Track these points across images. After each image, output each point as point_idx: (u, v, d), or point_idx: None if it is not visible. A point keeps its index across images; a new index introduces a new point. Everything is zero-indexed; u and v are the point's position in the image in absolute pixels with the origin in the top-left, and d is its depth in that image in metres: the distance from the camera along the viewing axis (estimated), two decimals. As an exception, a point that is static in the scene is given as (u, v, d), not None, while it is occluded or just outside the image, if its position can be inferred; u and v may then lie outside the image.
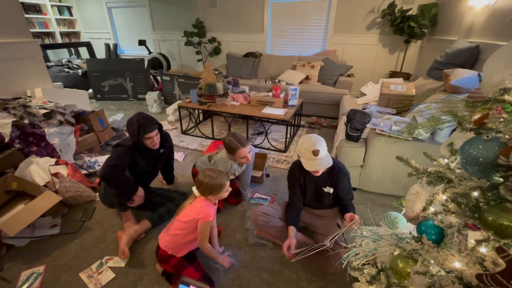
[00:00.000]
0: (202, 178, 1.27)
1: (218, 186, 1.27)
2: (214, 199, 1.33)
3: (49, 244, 1.61)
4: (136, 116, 1.56)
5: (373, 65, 4.32)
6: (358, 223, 1.33)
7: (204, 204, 1.28)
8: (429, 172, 0.82)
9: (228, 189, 1.33)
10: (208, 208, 1.28)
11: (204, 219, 1.26)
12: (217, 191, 1.28)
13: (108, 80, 4.32)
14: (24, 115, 2.10)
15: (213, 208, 1.32)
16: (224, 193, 1.32)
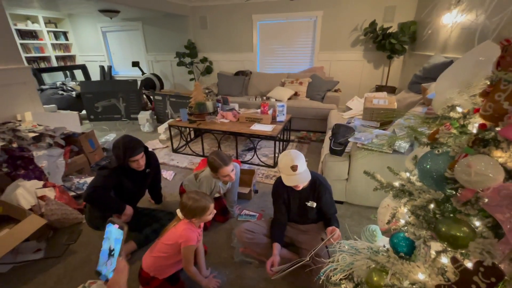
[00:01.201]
0: (186, 201, 1.28)
1: (201, 209, 1.29)
2: (198, 222, 1.33)
3: (32, 269, 1.59)
4: (122, 139, 1.59)
5: (359, 79, 4.46)
6: (338, 236, 1.35)
7: (187, 228, 1.29)
8: (392, 185, 0.86)
9: (212, 211, 1.34)
10: (190, 232, 1.28)
11: (185, 243, 1.26)
12: (201, 213, 1.29)
13: (101, 101, 4.39)
14: (13, 139, 2.12)
15: (196, 232, 1.32)
16: (208, 216, 1.32)
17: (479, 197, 0.62)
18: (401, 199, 0.90)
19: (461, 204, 0.65)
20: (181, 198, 1.30)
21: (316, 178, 1.52)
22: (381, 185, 0.91)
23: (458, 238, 0.64)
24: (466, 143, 0.67)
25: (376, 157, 1.88)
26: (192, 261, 1.32)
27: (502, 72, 0.59)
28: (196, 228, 1.33)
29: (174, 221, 1.34)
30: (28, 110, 2.38)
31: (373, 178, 0.94)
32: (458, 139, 0.71)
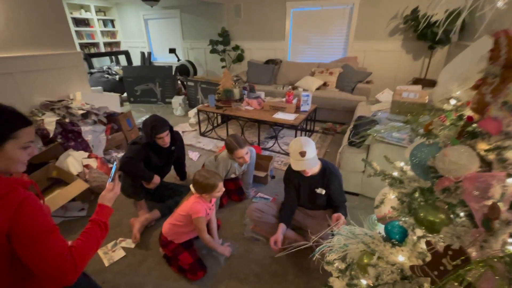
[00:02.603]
0: (197, 178, 1.43)
1: (210, 186, 1.42)
2: (208, 197, 1.47)
3: (77, 224, 1.90)
4: (150, 118, 1.79)
5: (396, 71, 4.21)
6: (343, 223, 1.40)
7: (196, 201, 1.44)
8: (385, 173, 0.89)
9: (221, 189, 1.47)
10: (198, 205, 1.43)
11: (195, 215, 1.42)
12: (210, 190, 1.43)
13: (140, 85, 4.77)
14: (66, 115, 2.47)
15: (205, 205, 1.46)
16: (216, 193, 1.45)
17: (458, 186, 0.65)
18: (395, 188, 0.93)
19: (439, 191, 0.68)
20: (194, 174, 1.45)
21: (326, 166, 1.56)
22: (375, 172, 0.94)
23: (433, 223, 0.68)
24: (454, 134, 0.69)
25: (394, 152, 1.84)
26: (205, 230, 1.47)
27: (491, 66, 0.59)
28: (206, 202, 1.48)
29: (188, 195, 1.50)
30: (78, 90, 2.72)
31: (369, 165, 0.98)
32: (447, 131, 0.72)
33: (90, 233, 0.89)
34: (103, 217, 0.94)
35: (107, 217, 0.95)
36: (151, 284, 1.46)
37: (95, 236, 0.90)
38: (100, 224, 0.92)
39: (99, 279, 1.46)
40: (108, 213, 0.96)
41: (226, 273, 1.52)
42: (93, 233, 0.89)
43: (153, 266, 1.57)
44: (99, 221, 0.92)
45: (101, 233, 0.93)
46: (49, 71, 2.50)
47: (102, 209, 0.96)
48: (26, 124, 0.81)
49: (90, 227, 0.91)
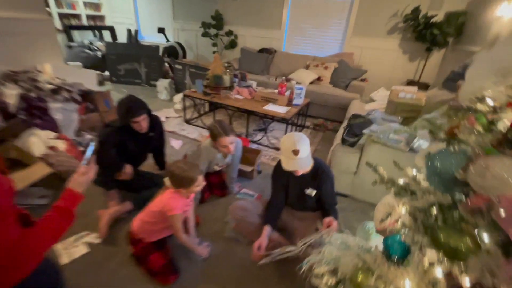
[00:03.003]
0: (173, 169, 1.25)
1: (188, 180, 1.25)
2: (185, 193, 1.31)
3: (36, 213, 1.65)
4: (126, 99, 1.58)
5: (391, 71, 4.13)
6: (334, 229, 1.28)
7: (172, 197, 1.27)
8: (393, 181, 0.76)
9: (200, 184, 1.30)
10: (174, 201, 1.26)
11: (170, 212, 1.25)
12: (187, 184, 1.26)
13: (123, 64, 4.44)
14: (32, 88, 2.19)
15: (182, 201, 1.30)
16: (195, 188, 1.29)
17: (492, 206, 0.52)
18: (402, 198, 0.81)
19: (468, 211, 0.55)
20: (170, 166, 1.28)
21: (319, 165, 1.43)
22: (381, 179, 0.81)
23: (458, 249, 0.55)
24: (490, 142, 0.56)
25: (389, 154, 1.74)
26: (181, 229, 1.32)
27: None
28: (183, 198, 1.31)
29: (163, 189, 1.33)
30: (48, 62, 2.43)
31: (375, 171, 0.84)
32: (481, 137, 0.59)
33: (48, 221, 0.78)
34: (69, 203, 0.82)
35: (73, 204, 0.83)
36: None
37: (53, 226, 0.78)
38: (63, 212, 0.80)
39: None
40: (76, 200, 0.85)
41: (203, 277, 1.37)
42: (51, 221, 0.78)
43: (119, 266, 1.39)
44: (62, 208, 0.80)
45: (63, 222, 0.80)
46: (11, 36, 2.19)
47: (69, 194, 0.84)
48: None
49: (49, 215, 0.79)
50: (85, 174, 0.89)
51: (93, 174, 0.93)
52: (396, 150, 1.73)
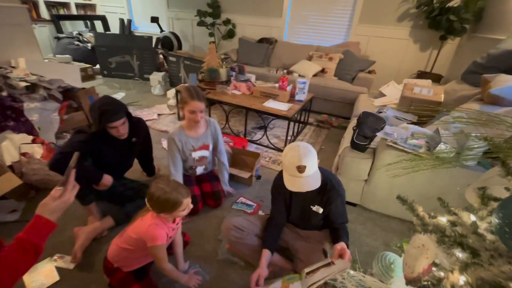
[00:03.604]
0: (153, 191, 1.03)
1: (171, 204, 1.03)
2: (169, 218, 1.10)
3: (3, 231, 1.48)
4: (100, 101, 1.34)
5: (400, 62, 3.84)
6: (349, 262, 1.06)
7: (153, 224, 1.06)
8: (442, 231, 0.53)
9: (187, 207, 1.09)
10: (156, 230, 1.05)
11: (151, 243, 1.04)
12: (170, 209, 1.04)
13: (115, 56, 4.17)
14: (4, 86, 1.96)
15: (166, 229, 1.09)
16: (180, 212, 1.07)
17: None
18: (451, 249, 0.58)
19: None
20: (151, 186, 1.05)
21: (328, 179, 1.20)
22: (420, 221, 0.59)
23: None
24: None
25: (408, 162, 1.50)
26: (165, 259, 1.11)
27: None
28: (167, 223, 1.10)
29: (144, 210, 1.12)
30: (23, 57, 2.18)
31: (410, 209, 0.62)
32: None
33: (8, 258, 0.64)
34: (35, 236, 0.69)
35: (42, 236, 0.70)
36: (87, 326, 1.10)
37: (13, 264, 0.63)
38: (26, 247, 0.66)
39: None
40: (45, 230, 0.71)
41: (190, 310, 1.18)
42: (9, 259, 0.64)
43: (94, 298, 1.20)
44: (26, 241, 0.66)
45: (26, 259, 0.66)
46: (-21, 28, 1.95)
47: (37, 223, 0.70)
48: None
49: (9, 250, 0.65)
50: (59, 198, 0.74)
51: (71, 197, 0.77)
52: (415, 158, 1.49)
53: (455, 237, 0.50)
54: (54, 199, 0.74)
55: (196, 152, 1.65)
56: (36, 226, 0.70)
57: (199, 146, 1.64)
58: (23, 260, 0.66)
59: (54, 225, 0.73)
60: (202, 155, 1.69)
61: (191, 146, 1.61)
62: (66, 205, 0.76)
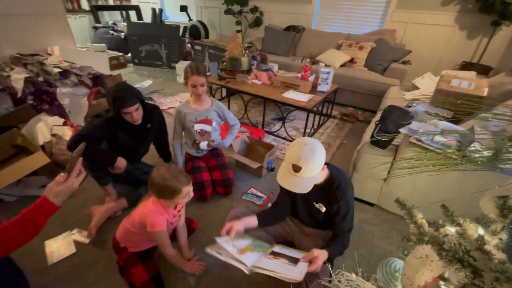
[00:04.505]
0: (153, 176, 1.04)
1: (170, 191, 1.03)
2: (170, 204, 1.11)
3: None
4: (115, 87, 1.39)
5: (442, 52, 3.47)
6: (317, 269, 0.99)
7: (154, 210, 1.07)
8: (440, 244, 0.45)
9: (188, 194, 1.08)
10: (156, 216, 1.06)
11: (151, 228, 1.06)
12: (170, 196, 1.05)
13: (144, 45, 4.32)
14: (40, 72, 2.12)
15: (167, 214, 1.10)
16: (180, 199, 1.07)
17: None
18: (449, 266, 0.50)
19: None
20: (152, 172, 1.07)
21: (335, 177, 1.12)
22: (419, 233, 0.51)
23: None
24: None
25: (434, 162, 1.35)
26: (167, 244, 1.14)
27: None
28: (168, 209, 1.12)
29: (148, 195, 1.14)
30: (57, 45, 2.34)
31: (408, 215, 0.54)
32: None
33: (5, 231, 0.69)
34: (37, 214, 0.73)
35: (43, 215, 0.75)
36: (94, 298, 1.18)
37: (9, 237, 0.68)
38: (26, 223, 0.71)
39: (35, 282, 1.20)
40: (48, 211, 0.76)
41: (191, 295, 1.21)
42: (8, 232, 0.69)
43: (104, 272, 1.28)
44: (27, 217, 0.71)
45: (23, 234, 0.71)
46: (20, 17, 2.12)
47: (41, 204, 0.75)
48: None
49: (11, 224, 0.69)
50: (64, 183, 0.78)
51: (75, 184, 0.82)
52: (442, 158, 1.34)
53: (455, 252, 0.42)
54: (58, 184, 0.78)
55: (198, 124, 1.74)
56: (40, 206, 0.75)
57: (201, 119, 1.73)
58: (20, 235, 0.70)
59: (56, 207, 0.77)
60: (203, 129, 1.76)
61: (194, 118, 1.72)
62: (70, 190, 0.80)
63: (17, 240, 0.71)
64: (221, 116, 1.81)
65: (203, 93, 1.67)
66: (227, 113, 1.83)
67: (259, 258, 1.05)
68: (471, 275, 0.40)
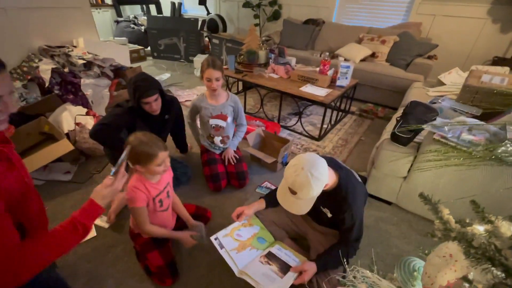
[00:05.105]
0: (131, 140, 1.01)
1: (145, 155, 1.00)
2: (145, 172, 1.07)
3: (59, 188, 1.72)
4: (135, 77, 1.42)
5: (471, 47, 3.27)
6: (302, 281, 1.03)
7: (133, 186, 1.07)
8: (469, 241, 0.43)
9: (164, 164, 1.05)
10: (135, 193, 1.06)
11: (130, 204, 1.07)
12: (145, 161, 1.02)
13: (164, 39, 4.39)
14: (66, 63, 2.21)
15: (147, 191, 1.09)
16: (156, 167, 1.04)
17: None
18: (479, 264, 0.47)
19: None
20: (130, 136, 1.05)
21: (344, 187, 1.05)
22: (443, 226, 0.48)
23: None
24: None
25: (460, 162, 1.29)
26: (144, 221, 1.12)
27: None
28: (150, 184, 1.10)
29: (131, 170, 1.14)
30: (82, 37, 2.43)
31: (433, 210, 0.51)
32: None
33: (58, 235, 0.70)
34: (85, 217, 0.76)
35: (91, 218, 0.77)
36: (112, 279, 1.23)
37: (63, 240, 0.70)
38: (77, 226, 0.73)
39: (60, 261, 1.26)
40: (95, 214, 0.78)
41: (204, 283, 1.23)
42: (62, 235, 0.71)
43: (122, 255, 1.33)
44: (78, 221, 0.73)
45: (74, 237, 0.73)
46: (48, 10, 2.21)
47: (89, 207, 0.78)
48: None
49: (63, 227, 0.72)
50: (111, 186, 0.82)
51: (120, 185, 0.85)
52: (472, 159, 1.27)
53: (485, 250, 0.39)
54: (106, 187, 0.81)
55: (213, 119, 1.73)
56: (88, 209, 0.78)
57: (216, 114, 1.72)
58: (72, 237, 0.72)
59: (103, 210, 0.80)
60: (218, 124, 1.75)
61: (210, 113, 1.72)
62: (115, 193, 0.84)
63: (69, 243, 0.73)
64: (235, 111, 1.79)
65: (218, 88, 1.64)
66: (241, 110, 1.81)
67: (252, 261, 1.11)
68: (502, 275, 0.37)
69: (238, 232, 1.22)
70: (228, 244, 1.15)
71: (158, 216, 1.19)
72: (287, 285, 1.03)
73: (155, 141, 1.04)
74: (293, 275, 1.06)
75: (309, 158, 0.97)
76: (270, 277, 1.05)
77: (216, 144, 1.83)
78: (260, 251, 1.18)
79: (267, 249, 1.19)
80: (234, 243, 1.17)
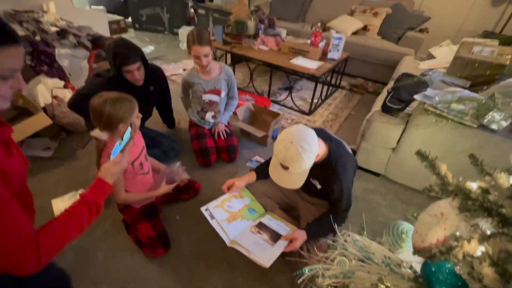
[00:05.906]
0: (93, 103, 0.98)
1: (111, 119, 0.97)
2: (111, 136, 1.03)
3: (39, 166, 1.64)
4: (115, 43, 1.31)
5: (462, 20, 3.24)
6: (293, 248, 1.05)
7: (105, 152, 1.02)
8: (465, 192, 0.42)
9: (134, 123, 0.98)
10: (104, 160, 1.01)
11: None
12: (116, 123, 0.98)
13: (146, 8, 4.09)
14: (37, 31, 2.03)
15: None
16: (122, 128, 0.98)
17: None
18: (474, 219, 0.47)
19: None
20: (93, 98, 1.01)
21: (333, 159, 1.05)
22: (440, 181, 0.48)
23: None
24: None
25: (449, 130, 1.30)
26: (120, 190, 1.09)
27: None
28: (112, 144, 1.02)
29: None
30: (52, 0, 2.20)
31: (431, 167, 0.50)
32: None
33: (75, 215, 0.68)
34: (98, 196, 0.74)
35: (103, 196, 0.76)
36: (101, 253, 1.21)
37: (79, 220, 0.69)
38: (91, 205, 0.71)
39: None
40: (106, 192, 0.77)
41: (194, 253, 1.23)
42: (78, 215, 0.69)
43: (110, 230, 1.30)
44: (91, 200, 0.72)
45: (90, 217, 0.72)
46: (11, -31, 1.97)
47: (99, 185, 0.76)
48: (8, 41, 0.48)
49: (77, 206, 0.70)
50: (119, 163, 0.81)
51: (126, 163, 0.84)
52: (457, 126, 1.28)
53: (483, 201, 0.39)
54: (115, 164, 0.80)
55: (206, 95, 1.65)
56: (99, 187, 0.75)
57: (209, 89, 1.64)
58: (87, 216, 0.70)
59: (112, 188, 0.78)
60: (212, 99, 1.68)
61: (202, 88, 1.63)
62: (122, 170, 0.83)
63: (85, 222, 0.70)
64: (229, 85, 1.71)
65: (208, 64, 1.53)
66: (234, 83, 1.74)
67: (243, 231, 1.12)
68: (499, 224, 0.37)
69: (229, 203, 1.22)
70: (218, 214, 1.14)
71: (140, 180, 1.17)
72: (278, 252, 1.04)
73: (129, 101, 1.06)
74: (284, 243, 1.08)
75: (297, 131, 0.95)
76: (261, 245, 1.06)
77: (207, 120, 1.77)
78: (251, 221, 1.18)
79: (257, 220, 1.19)
80: (224, 213, 1.16)
